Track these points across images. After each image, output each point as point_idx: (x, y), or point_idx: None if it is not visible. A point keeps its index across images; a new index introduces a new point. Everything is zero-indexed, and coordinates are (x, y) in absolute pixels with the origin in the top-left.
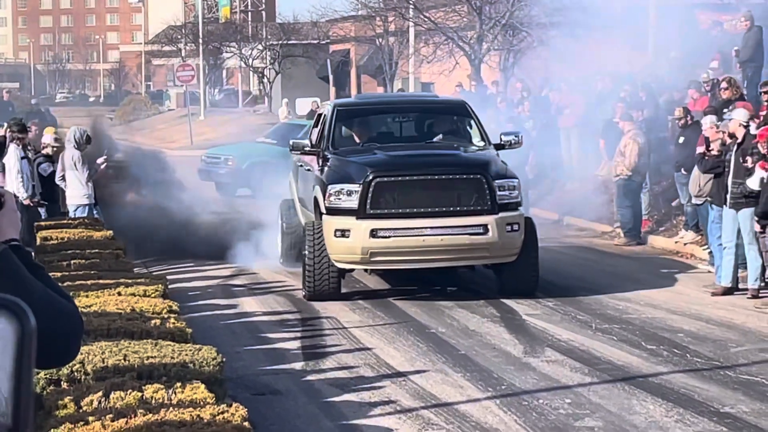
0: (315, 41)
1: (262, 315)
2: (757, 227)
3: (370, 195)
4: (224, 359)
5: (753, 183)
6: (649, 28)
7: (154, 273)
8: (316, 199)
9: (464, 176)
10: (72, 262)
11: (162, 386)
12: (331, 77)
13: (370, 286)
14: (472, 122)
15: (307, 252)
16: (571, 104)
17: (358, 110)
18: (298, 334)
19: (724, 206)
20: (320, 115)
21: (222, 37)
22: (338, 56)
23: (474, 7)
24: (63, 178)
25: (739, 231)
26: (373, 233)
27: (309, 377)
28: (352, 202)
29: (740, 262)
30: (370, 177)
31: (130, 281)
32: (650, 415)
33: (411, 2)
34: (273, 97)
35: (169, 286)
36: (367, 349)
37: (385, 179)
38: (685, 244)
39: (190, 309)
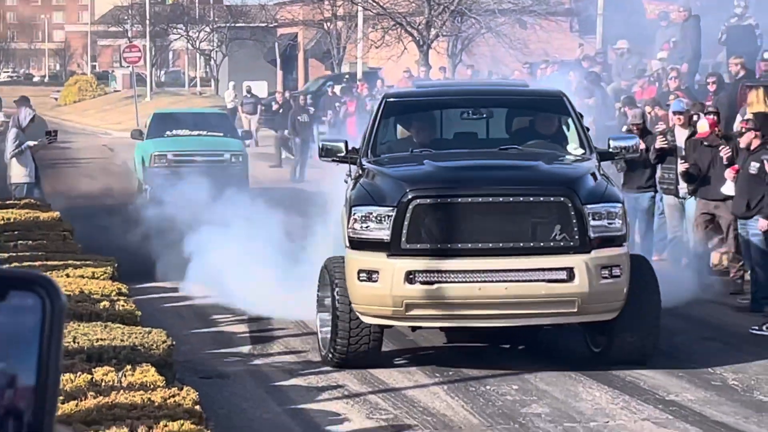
0: (263, 24)
1: (209, 298)
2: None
3: (406, 223)
4: (174, 342)
5: (727, 189)
6: (598, 16)
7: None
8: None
9: (541, 198)
10: (18, 243)
11: (112, 369)
12: (278, 61)
13: None
14: (570, 121)
15: (335, 301)
16: None
17: (415, 104)
18: (245, 318)
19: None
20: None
21: (169, 18)
22: (286, 40)
23: None
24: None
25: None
26: (410, 277)
27: (256, 361)
28: (383, 233)
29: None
30: (408, 197)
31: (78, 263)
32: (596, 402)
33: None
34: (220, 80)
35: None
36: (314, 333)
37: (428, 201)
38: None
39: (135, 291)
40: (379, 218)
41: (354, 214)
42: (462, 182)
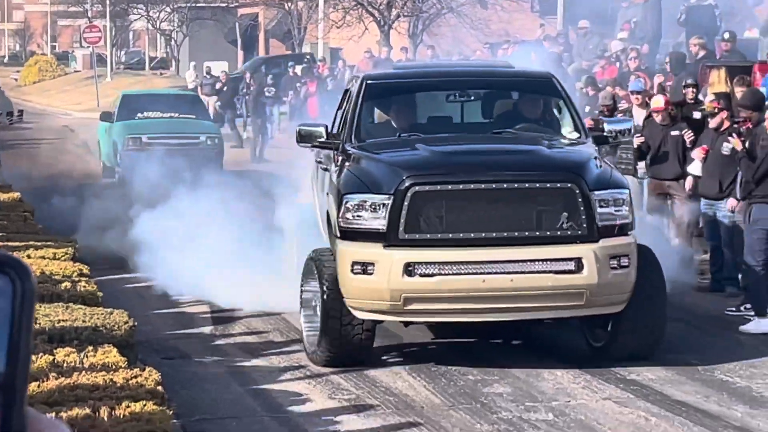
0: (223, 4)
1: (170, 281)
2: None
3: (404, 212)
4: (136, 323)
5: (694, 169)
6: None
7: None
8: (329, 215)
9: (547, 184)
10: None
11: (74, 350)
12: (239, 41)
13: None
14: (562, 104)
15: (324, 295)
16: None
17: (398, 86)
18: (207, 299)
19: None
20: (345, 91)
21: None
22: (247, 20)
23: None
24: None
25: None
26: (409, 269)
27: (218, 342)
28: (378, 222)
29: None
30: (406, 184)
31: (39, 244)
32: (558, 382)
33: None
34: (180, 61)
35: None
36: (276, 314)
37: (427, 188)
38: None
39: (97, 272)
40: (373, 207)
41: (345, 202)
42: (463, 168)
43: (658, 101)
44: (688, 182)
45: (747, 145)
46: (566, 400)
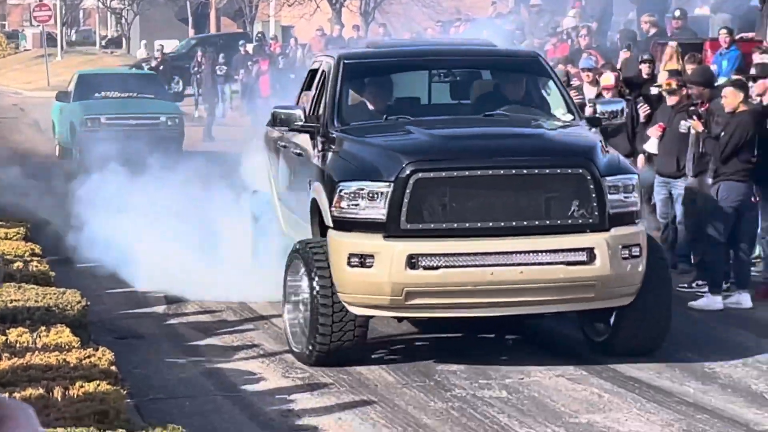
0: None
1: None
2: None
3: (406, 200)
4: (88, 303)
5: (650, 147)
6: None
7: None
8: (315, 204)
9: (558, 170)
10: None
11: (26, 330)
12: (190, 19)
13: None
14: (552, 84)
15: (314, 290)
16: None
17: (377, 65)
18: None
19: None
20: (313, 71)
21: None
22: None
23: None
24: None
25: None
26: (412, 262)
27: (171, 321)
28: (377, 211)
29: None
30: (408, 171)
31: None
32: (512, 359)
33: None
34: (131, 39)
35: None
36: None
37: (432, 175)
38: None
39: (49, 252)
40: (371, 195)
41: (340, 190)
42: (468, 153)
43: (607, 78)
44: (640, 160)
45: (705, 125)
46: (520, 377)
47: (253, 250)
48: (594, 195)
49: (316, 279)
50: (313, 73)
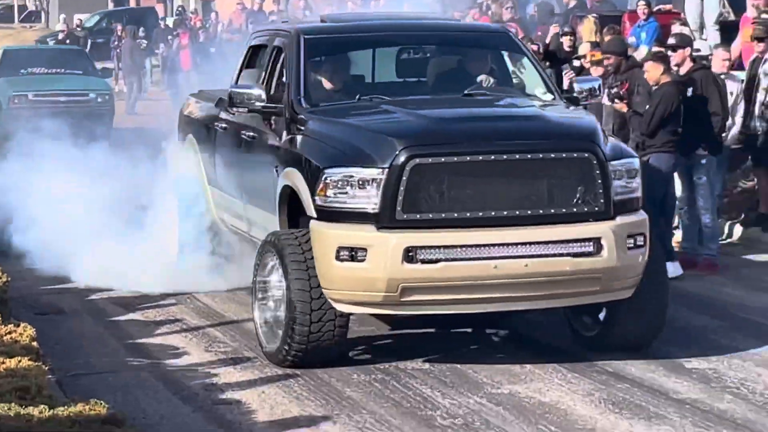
0: None
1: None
2: None
3: (402, 188)
4: (9, 278)
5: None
6: None
7: None
8: (286, 191)
9: (563, 154)
10: None
11: None
12: None
13: None
14: (526, 61)
15: (290, 285)
16: None
17: (343, 41)
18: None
19: None
20: (255, 48)
21: None
22: None
23: None
24: None
25: None
26: (410, 255)
27: (93, 296)
28: (370, 201)
29: None
30: (404, 156)
31: None
32: (440, 333)
33: None
34: (50, 12)
35: None
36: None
37: (430, 160)
38: None
39: None
40: (362, 183)
41: (326, 177)
42: (469, 136)
43: None
44: None
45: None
46: (442, 353)
47: (179, 239)
48: (600, 181)
49: (292, 273)
50: (255, 49)
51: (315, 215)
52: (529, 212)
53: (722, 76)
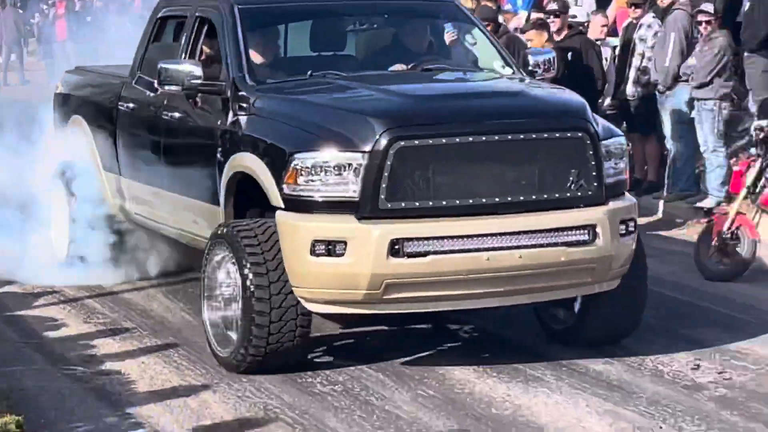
0: None
1: None
2: None
3: (386, 173)
4: None
5: None
6: None
7: None
8: (235, 178)
9: (557, 134)
10: None
11: None
12: None
13: None
14: (477, 33)
15: (244, 283)
16: None
17: (278, 11)
18: None
19: None
20: (162, 19)
21: None
22: None
23: None
24: None
25: None
26: (395, 248)
27: None
28: (348, 188)
29: None
30: (386, 139)
31: None
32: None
33: None
34: None
35: None
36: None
37: (416, 143)
38: None
39: None
40: (338, 169)
41: (295, 163)
42: (454, 116)
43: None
44: None
45: None
46: (345, 333)
47: (69, 229)
48: (593, 163)
49: (249, 268)
50: (162, 21)
51: (282, 205)
52: (521, 198)
53: (598, 42)
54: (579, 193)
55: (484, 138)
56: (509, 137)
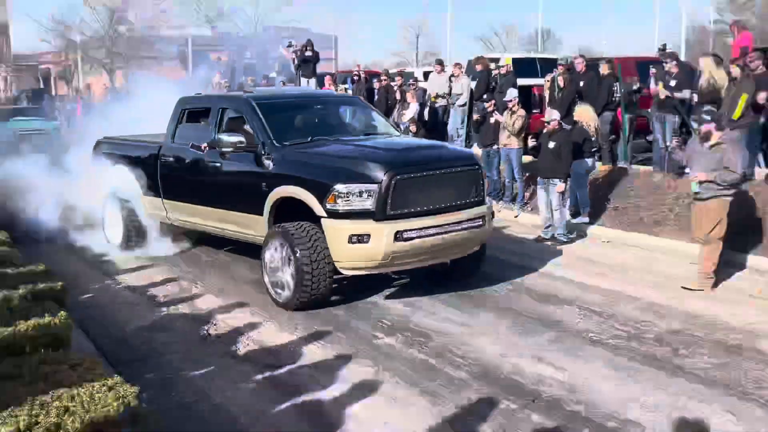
0: None
1: None
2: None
3: (391, 195)
4: None
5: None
6: None
7: None
8: (280, 201)
9: (468, 168)
10: None
11: None
12: None
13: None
14: (374, 114)
15: (299, 260)
16: None
17: (279, 103)
18: None
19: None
20: (185, 110)
21: None
22: None
23: None
24: None
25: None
26: (398, 236)
27: None
28: (368, 204)
29: None
30: (390, 175)
31: None
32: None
33: None
34: None
35: None
36: None
37: (406, 176)
38: None
39: None
40: (361, 193)
41: (337, 190)
42: (422, 161)
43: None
44: None
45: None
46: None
47: (123, 227)
48: (481, 182)
49: (299, 251)
50: (184, 111)
51: (325, 215)
52: (454, 203)
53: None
54: (476, 199)
55: (438, 172)
56: (452, 170)
